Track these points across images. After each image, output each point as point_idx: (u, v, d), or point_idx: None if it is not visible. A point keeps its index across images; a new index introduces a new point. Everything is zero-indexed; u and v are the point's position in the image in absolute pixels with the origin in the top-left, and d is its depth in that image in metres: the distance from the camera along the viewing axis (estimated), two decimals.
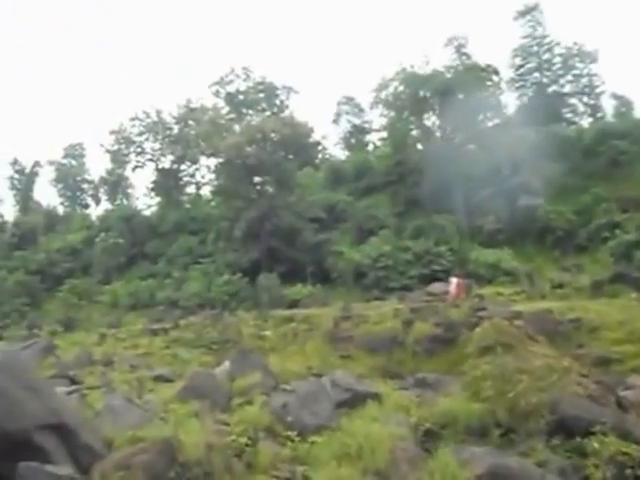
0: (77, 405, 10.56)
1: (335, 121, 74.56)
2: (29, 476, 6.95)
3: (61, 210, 79.03)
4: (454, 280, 32.18)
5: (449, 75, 53.07)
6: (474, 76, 51.34)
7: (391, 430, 9.30)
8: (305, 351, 25.61)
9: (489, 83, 53.27)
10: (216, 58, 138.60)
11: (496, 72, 54.30)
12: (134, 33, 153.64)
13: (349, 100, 74.34)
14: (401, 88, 53.67)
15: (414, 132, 56.56)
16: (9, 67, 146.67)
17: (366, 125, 72.75)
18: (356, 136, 73.46)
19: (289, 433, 9.90)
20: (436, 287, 35.49)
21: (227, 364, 17.69)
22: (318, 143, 66.63)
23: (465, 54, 60.76)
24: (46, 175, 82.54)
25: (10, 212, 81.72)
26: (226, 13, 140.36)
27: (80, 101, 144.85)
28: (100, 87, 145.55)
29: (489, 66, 53.73)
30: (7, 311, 50.55)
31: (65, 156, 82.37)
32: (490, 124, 53.73)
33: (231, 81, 69.40)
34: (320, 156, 69.06)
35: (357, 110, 73.77)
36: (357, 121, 74.23)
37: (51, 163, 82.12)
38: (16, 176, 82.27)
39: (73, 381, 19.23)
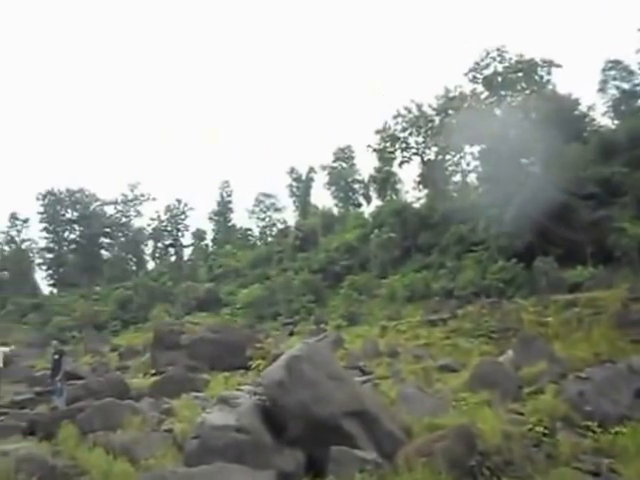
0: (374, 394, 11.15)
1: (601, 89, 68.83)
2: (340, 459, 7.51)
3: (336, 211, 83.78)
4: None
5: None
6: None
7: None
8: (591, 337, 24.06)
9: None
10: (470, 43, 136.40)
11: None
12: (388, 29, 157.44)
13: (616, 64, 68.10)
14: None
15: None
16: (277, 79, 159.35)
17: (638, 88, 66.08)
18: (626, 102, 67.00)
19: (588, 423, 9.44)
20: None
21: (510, 352, 17.37)
22: (585, 115, 62.20)
23: None
24: (320, 179, 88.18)
25: (291, 217, 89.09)
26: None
27: (345, 104, 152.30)
28: (360, 88, 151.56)
29: None
30: (296, 308, 54.88)
31: (335, 160, 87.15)
32: None
33: (487, 65, 67.76)
34: (588, 128, 64.33)
35: (625, 74, 67.27)
36: (626, 86, 67.69)
37: (323, 168, 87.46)
38: (294, 184, 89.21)
39: (363, 371, 20.30)
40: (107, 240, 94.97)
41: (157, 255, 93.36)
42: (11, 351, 20.46)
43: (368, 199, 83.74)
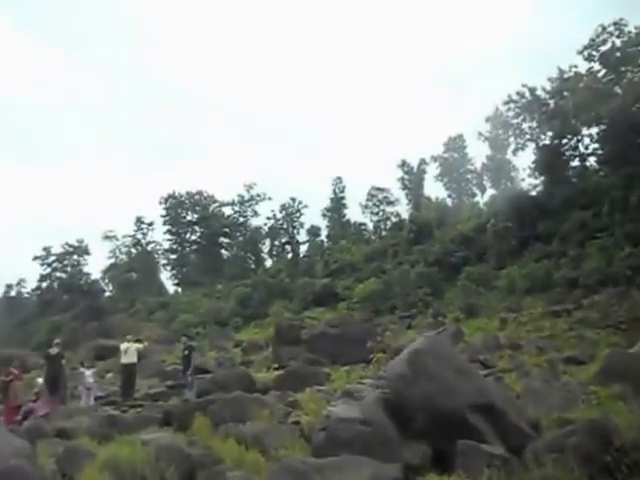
0: (498, 387, 10.97)
1: None
2: (467, 454, 7.43)
3: (449, 202, 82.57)
4: None
5: None
6: None
7: None
8: None
9: None
10: (583, 21, 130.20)
11: None
12: (495, 12, 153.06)
13: None
14: None
15: None
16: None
17: None
18: None
19: None
20: None
21: None
22: None
23: None
24: (432, 171, 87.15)
25: (405, 210, 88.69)
26: None
27: (453, 93, 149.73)
28: (468, 75, 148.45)
29: None
30: (412, 301, 54.53)
31: (446, 150, 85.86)
32: None
33: (604, 41, 64.34)
34: None
35: None
36: None
37: (435, 159, 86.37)
38: (405, 176, 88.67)
39: (484, 364, 19.98)
40: (226, 240, 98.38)
41: (274, 253, 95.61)
42: (144, 347, 21.68)
43: (482, 189, 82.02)
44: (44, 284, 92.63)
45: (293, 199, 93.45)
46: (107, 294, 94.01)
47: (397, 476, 7.45)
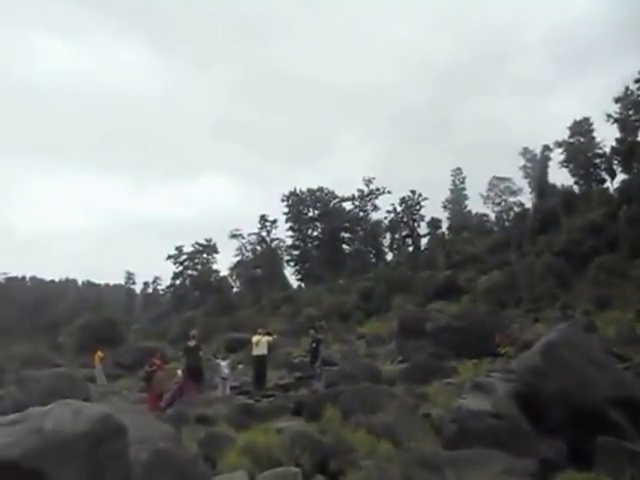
0: (638, 381, 10.50)
1: None
2: (608, 451, 7.15)
3: (576, 189, 78.96)
4: None
5: None
6: None
7: None
8: None
9: None
10: None
11: None
12: None
13: None
14: None
15: None
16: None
17: None
18: None
19: None
20: None
21: None
22: None
23: None
24: (556, 157, 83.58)
25: (528, 200, 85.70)
26: None
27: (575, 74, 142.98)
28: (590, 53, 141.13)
29: None
30: (538, 293, 52.71)
31: (572, 135, 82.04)
32: None
33: None
34: None
35: None
36: None
37: (559, 144, 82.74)
38: (528, 164, 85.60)
39: (621, 358, 19.05)
40: (347, 235, 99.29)
41: (395, 246, 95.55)
42: (274, 340, 22.40)
43: (612, 174, 77.70)
44: (177, 281, 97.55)
45: (413, 192, 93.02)
46: (235, 290, 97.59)
47: (533, 471, 7.33)
